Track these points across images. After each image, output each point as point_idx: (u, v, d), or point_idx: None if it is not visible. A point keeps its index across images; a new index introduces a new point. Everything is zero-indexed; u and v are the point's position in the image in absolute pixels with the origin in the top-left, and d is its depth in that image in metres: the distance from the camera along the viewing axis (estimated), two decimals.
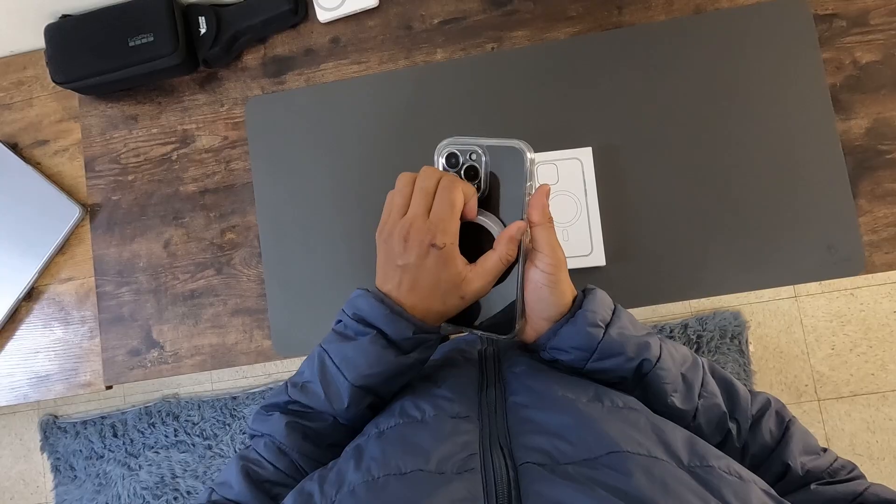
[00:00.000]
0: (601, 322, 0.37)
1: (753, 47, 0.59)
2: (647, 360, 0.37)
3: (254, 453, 0.39)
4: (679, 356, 0.39)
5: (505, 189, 0.39)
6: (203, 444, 1.47)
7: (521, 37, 0.62)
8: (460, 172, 0.39)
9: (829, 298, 1.35)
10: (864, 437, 1.31)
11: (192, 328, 0.64)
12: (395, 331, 0.36)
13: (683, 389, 0.38)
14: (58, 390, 0.65)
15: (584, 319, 0.37)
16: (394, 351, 0.36)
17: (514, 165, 0.38)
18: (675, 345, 0.40)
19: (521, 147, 0.38)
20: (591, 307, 0.38)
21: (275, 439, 0.38)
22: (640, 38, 0.60)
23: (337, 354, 0.38)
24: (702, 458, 0.28)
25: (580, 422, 0.30)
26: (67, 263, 0.67)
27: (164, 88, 0.67)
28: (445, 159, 0.40)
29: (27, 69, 0.69)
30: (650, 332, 0.40)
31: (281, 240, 0.63)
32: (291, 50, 0.65)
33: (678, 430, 0.31)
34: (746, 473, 0.28)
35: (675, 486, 0.25)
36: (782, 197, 0.58)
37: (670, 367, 0.38)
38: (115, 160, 0.67)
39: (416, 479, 0.28)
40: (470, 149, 0.39)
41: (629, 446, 0.27)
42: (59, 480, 1.53)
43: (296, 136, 0.64)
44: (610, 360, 0.37)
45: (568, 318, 0.38)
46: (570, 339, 0.38)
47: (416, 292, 0.37)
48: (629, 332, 0.38)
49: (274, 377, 1.49)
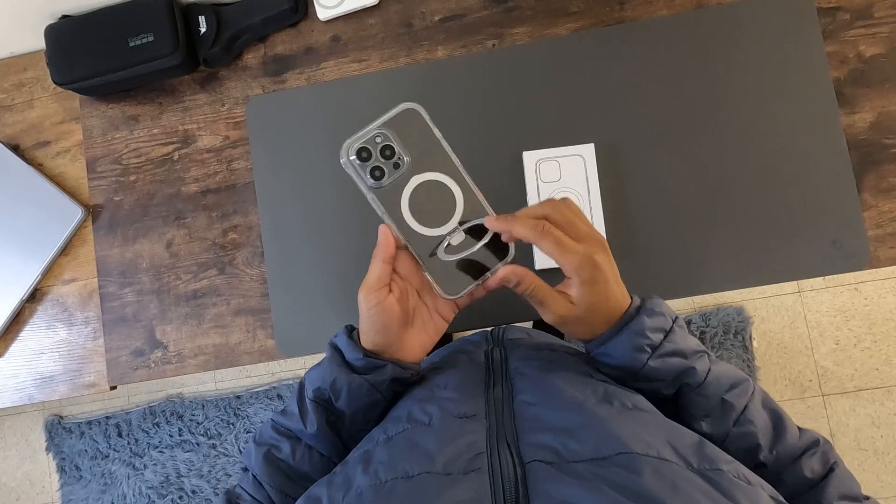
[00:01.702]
0: (647, 347, 0.37)
1: (756, 41, 0.58)
2: (686, 385, 0.38)
3: (238, 487, 0.42)
4: (727, 381, 0.38)
5: (421, 148, 0.41)
6: (208, 443, 1.47)
7: (521, 33, 0.62)
8: (378, 158, 0.40)
9: (833, 293, 1.34)
10: (869, 433, 1.31)
11: (195, 328, 0.64)
12: (348, 353, 0.41)
13: (719, 415, 0.38)
14: (62, 391, 0.65)
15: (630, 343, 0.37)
16: (347, 369, 0.40)
17: (417, 126, 0.41)
18: (728, 368, 0.40)
19: (412, 106, 0.41)
20: (639, 327, 0.38)
21: (254, 472, 0.42)
22: (641, 33, 0.60)
23: (308, 377, 0.43)
24: (711, 461, 0.28)
25: (589, 421, 0.30)
26: (70, 264, 0.67)
27: (164, 89, 0.67)
28: (358, 157, 0.40)
29: (27, 70, 0.69)
30: (701, 352, 0.39)
31: (283, 239, 0.63)
32: (292, 49, 0.65)
33: (688, 433, 0.30)
34: (754, 478, 0.27)
35: (685, 487, 0.25)
36: (786, 192, 0.57)
37: (710, 395, 0.38)
38: (117, 161, 0.67)
39: (422, 481, 0.28)
40: (371, 135, 0.40)
41: (638, 447, 0.27)
42: (65, 480, 1.54)
43: (297, 136, 0.63)
44: (650, 384, 0.38)
45: (615, 333, 0.38)
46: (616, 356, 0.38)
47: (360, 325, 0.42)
48: (675, 360, 0.38)
49: (277, 376, 1.49)
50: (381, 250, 0.40)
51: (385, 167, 0.40)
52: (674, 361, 0.37)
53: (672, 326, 0.39)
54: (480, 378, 0.40)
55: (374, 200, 0.41)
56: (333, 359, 0.41)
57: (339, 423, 0.42)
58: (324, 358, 0.43)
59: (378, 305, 0.40)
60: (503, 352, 0.45)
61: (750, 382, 0.40)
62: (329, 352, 0.43)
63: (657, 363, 0.37)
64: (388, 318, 0.40)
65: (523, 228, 0.38)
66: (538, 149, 0.59)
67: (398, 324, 0.41)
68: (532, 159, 0.58)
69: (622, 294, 0.39)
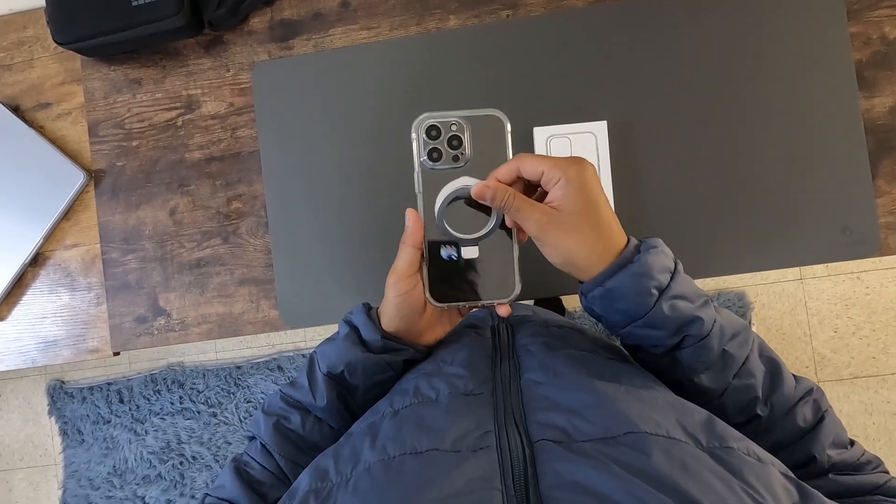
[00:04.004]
0: (655, 289, 0.34)
1: (778, 20, 0.57)
2: (689, 336, 0.36)
3: (246, 456, 0.42)
4: (730, 330, 0.36)
5: (487, 156, 0.40)
6: (208, 411, 1.49)
7: (537, 4, 0.60)
8: (444, 143, 0.40)
9: (835, 281, 1.34)
10: (862, 419, 1.33)
11: (198, 297, 0.64)
12: (366, 332, 0.41)
13: (719, 367, 0.36)
14: (65, 356, 0.66)
15: (637, 283, 0.34)
16: (362, 348, 0.41)
17: (494, 134, 0.40)
18: (731, 316, 0.38)
19: (500, 115, 0.40)
20: (645, 269, 0.34)
21: (263, 440, 0.42)
22: (660, 7, 0.58)
23: (319, 351, 0.43)
24: (721, 439, 0.27)
25: (598, 401, 0.30)
26: (73, 230, 0.66)
27: (168, 52, 0.65)
28: (426, 132, 0.40)
29: (27, 29, 0.67)
30: (706, 299, 0.36)
31: (288, 209, 0.62)
32: (299, 13, 0.63)
33: (697, 410, 0.30)
34: (765, 455, 0.27)
35: (694, 466, 0.25)
36: (799, 175, 0.56)
37: (713, 347, 0.36)
38: (119, 125, 0.65)
39: (431, 458, 0.28)
40: (450, 121, 0.40)
41: (648, 427, 0.27)
42: (67, 444, 1.56)
43: (303, 104, 0.62)
44: (653, 331, 0.36)
45: (616, 269, 0.35)
46: (618, 300, 0.35)
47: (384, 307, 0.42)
48: (683, 303, 0.35)
49: (278, 347, 1.50)
50: (410, 236, 0.40)
51: (445, 153, 0.40)
52: (682, 305, 0.35)
53: (676, 266, 0.36)
54: (487, 355, 0.40)
55: (419, 176, 0.40)
56: (350, 336, 0.42)
57: (351, 397, 0.42)
58: (336, 333, 0.44)
59: (407, 294, 0.40)
60: (509, 328, 0.44)
61: (750, 331, 0.38)
62: (344, 328, 0.43)
63: (666, 306, 0.34)
64: (415, 307, 0.41)
65: (502, 169, 0.38)
66: (549, 125, 0.58)
67: (421, 313, 0.41)
68: (543, 136, 0.57)
69: (617, 225, 0.37)
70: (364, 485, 0.27)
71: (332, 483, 0.29)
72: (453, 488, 0.25)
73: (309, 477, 0.30)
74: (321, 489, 0.29)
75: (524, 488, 0.25)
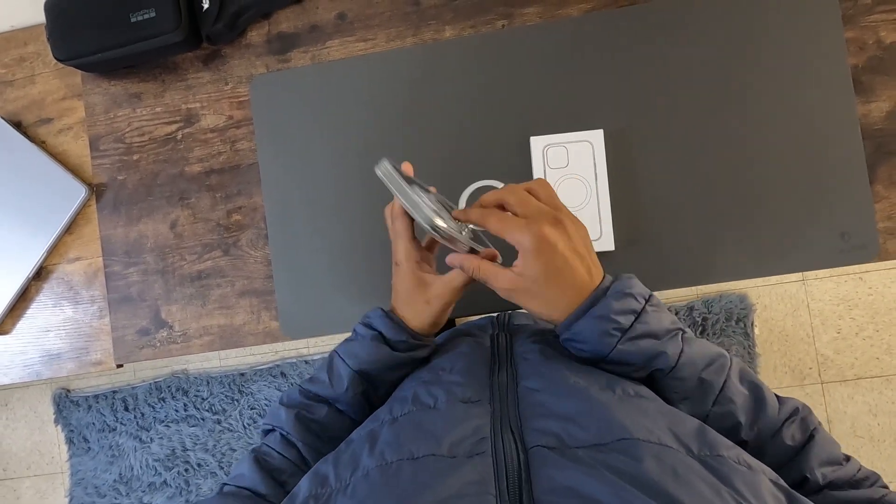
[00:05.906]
0: (616, 331, 0.36)
1: (773, 26, 0.57)
2: (659, 371, 0.37)
3: (265, 446, 0.43)
4: (702, 360, 0.37)
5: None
6: (212, 418, 1.50)
7: (532, 13, 0.60)
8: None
9: (837, 282, 1.34)
10: (866, 420, 1.32)
11: (199, 309, 0.64)
12: (392, 335, 0.44)
13: (698, 396, 0.37)
14: (69, 368, 0.66)
15: (598, 326, 0.36)
16: (389, 348, 0.44)
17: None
18: (703, 345, 0.39)
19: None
20: (606, 312, 0.36)
21: (283, 431, 0.43)
22: (655, 15, 0.58)
23: (344, 350, 0.45)
24: (712, 447, 0.28)
25: (592, 408, 0.30)
26: (75, 243, 0.67)
27: (167, 66, 0.66)
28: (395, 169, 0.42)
29: (28, 45, 0.68)
30: (675, 331, 0.38)
31: (287, 221, 0.63)
32: (296, 26, 0.64)
33: (689, 419, 0.31)
34: (755, 463, 0.28)
35: (685, 473, 0.25)
36: (797, 181, 0.56)
37: (685, 377, 0.37)
38: (120, 139, 0.66)
39: (428, 463, 0.28)
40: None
41: (640, 434, 0.28)
42: (74, 452, 1.57)
43: (301, 116, 0.63)
44: (620, 367, 0.38)
45: (580, 314, 0.37)
46: (582, 342, 0.38)
47: (398, 300, 0.46)
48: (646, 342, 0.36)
49: (281, 354, 1.51)
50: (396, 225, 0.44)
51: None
52: (644, 344, 0.36)
53: (644, 307, 0.37)
54: (486, 363, 0.41)
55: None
56: (376, 338, 0.44)
57: (374, 392, 0.45)
58: (354, 334, 0.46)
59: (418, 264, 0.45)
60: (508, 337, 0.45)
61: (726, 357, 0.39)
62: (366, 332, 0.45)
63: (626, 346, 0.36)
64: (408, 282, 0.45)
65: (473, 213, 0.41)
66: (546, 134, 0.58)
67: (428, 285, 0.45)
68: (539, 144, 0.58)
69: (587, 271, 0.38)
70: (362, 490, 0.28)
71: (331, 489, 0.29)
72: (448, 493, 0.26)
73: (309, 482, 0.31)
74: (321, 495, 0.29)
75: (518, 493, 0.26)
